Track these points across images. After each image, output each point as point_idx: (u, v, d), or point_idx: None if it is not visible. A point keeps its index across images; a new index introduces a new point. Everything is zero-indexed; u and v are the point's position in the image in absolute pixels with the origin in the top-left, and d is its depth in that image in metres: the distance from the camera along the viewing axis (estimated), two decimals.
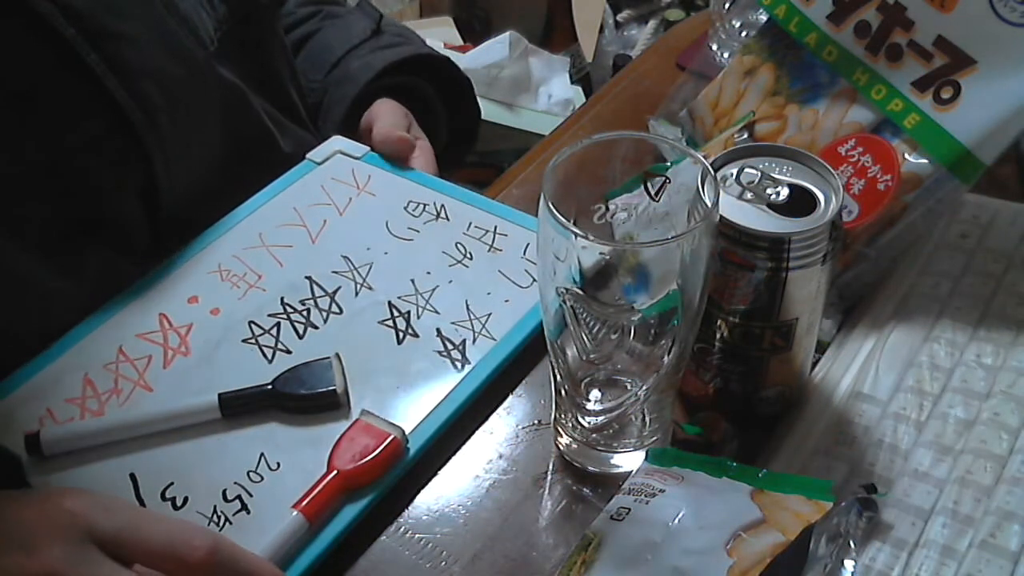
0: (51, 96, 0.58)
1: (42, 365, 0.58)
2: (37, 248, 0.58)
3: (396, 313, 0.61)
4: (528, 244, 0.65)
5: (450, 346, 0.59)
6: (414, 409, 0.55)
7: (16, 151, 0.57)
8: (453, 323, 0.60)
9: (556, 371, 0.51)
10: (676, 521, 0.46)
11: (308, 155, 0.73)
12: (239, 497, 0.51)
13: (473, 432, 0.57)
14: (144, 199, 0.64)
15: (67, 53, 0.58)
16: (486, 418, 0.57)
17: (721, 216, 0.47)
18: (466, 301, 0.62)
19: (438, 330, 0.60)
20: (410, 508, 0.53)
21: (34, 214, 0.59)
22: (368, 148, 0.74)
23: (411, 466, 0.54)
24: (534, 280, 0.62)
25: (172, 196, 0.65)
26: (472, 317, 0.61)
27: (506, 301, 0.61)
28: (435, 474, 0.55)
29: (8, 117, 0.56)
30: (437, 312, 0.61)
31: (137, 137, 0.61)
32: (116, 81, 0.59)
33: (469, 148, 0.92)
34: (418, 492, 0.54)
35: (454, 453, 0.56)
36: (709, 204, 0.44)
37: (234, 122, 0.69)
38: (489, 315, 0.61)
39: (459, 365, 0.58)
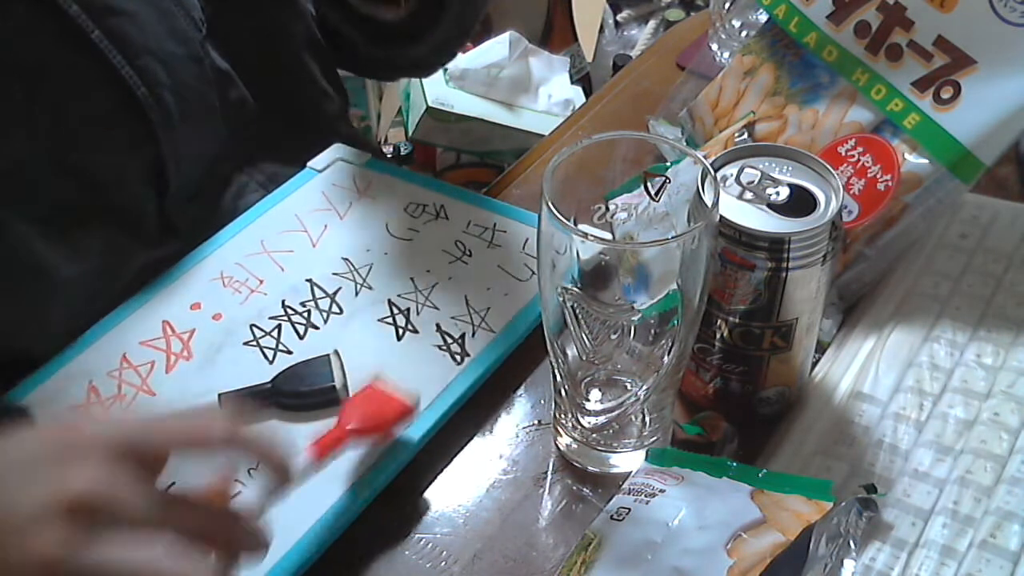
0: (58, 74, 0.59)
1: (47, 375, 0.58)
2: (46, 232, 0.59)
3: (396, 310, 0.61)
4: (527, 239, 0.66)
5: (450, 340, 0.59)
6: None
7: (27, 129, 0.57)
8: (452, 318, 0.60)
9: (556, 371, 0.51)
10: (676, 521, 0.46)
11: (309, 164, 0.73)
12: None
13: (473, 432, 0.57)
14: (152, 180, 0.64)
15: (71, 30, 0.58)
16: (486, 418, 0.57)
17: (721, 216, 0.47)
18: (465, 296, 0.62)
19: (438, 325, 0.60)
20: (411, 508, 0.53)
21: (44, 197, 0.59)
22: (369, 155, 0.74)
23: (412, 462, 0.54)
24: (533, 273, 0.63)
25: (179, 177, 0.65)
26: (471, 311, 0.61)
27: (505, 295, 0.62)
28: (436, 474, 0.55)
29: (18, 95, 0.57)
30: (436, 308, 0.61)
31: (143, 116, 0.62)
32: (121, 58, 0.60)
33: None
34: (419, 492, 0.54)
35: (455, 453, 0.56)
36: (709, 204, 0.44)
37: (226, 107, 0.70)
38: (488, 309, 0.61)
39: (459, 358, 0.58)
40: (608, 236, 0.49)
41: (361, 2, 0.71)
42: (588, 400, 0.52)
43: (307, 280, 0.64)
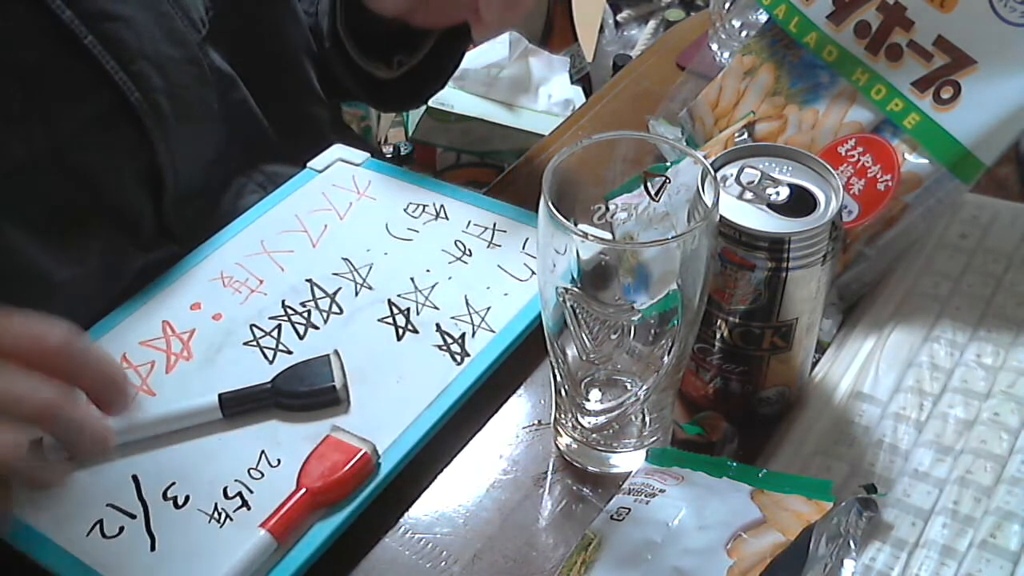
0: (53, 77, 0.59)
1: None
2: (42, 235, 0.59)
3: (396, 310, 0.61)
4: (527, 239, 0.66)
5: (449, 340, 0.59)
6: (414, 402, 0.55)
7: (22, 134, 0.57)
8: (452, 318, 0.60)
9: (556, 371, 0.51)
10: (676, 521, 0.46)
11: (309, 164, 0.73)
12: (240, 494, 0.51)
13: (473, 432, 0.57)
14: (149, 184, 0.64)
15: (66, 35, 0.58)
16: (486, 418, 0.57)
17: (721, 216, 0.47)
18: (465, 296, 0.62)
19: (437, 325, 0.60)
20: (410, 508, 0.53)
21: (39, 201, 0.59)
22: (368, 155, 0.74)
23: (412, 462, 0.54)
24: (533, 273, 0.63)
25: (176, 181, 0.65)
26: (471, 311, 0.61)
27: (505, 295, 0.62)
28: (435, 474, 0.55)
29: (12, 99, 0.57)
30: (436, 308, 0.61)
31: (138, 120, 0.62)
32: (114, 63, 0.60)
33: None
34: (418, 492, 0.54)
35: (455, 453, 0.56)
36: (709, 204, 0.44)
37: (226, 108, 0.70)
38: (488, 309, 0.61)
39: (459, 358, 0.58)
40: (608, 236, 0.49)
41: (360, 57, 0.75)
42: (588, 400, 0.52)
43: (307, 280, 0.64)
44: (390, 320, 0.61)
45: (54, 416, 0.44)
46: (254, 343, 0.60)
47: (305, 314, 0.61)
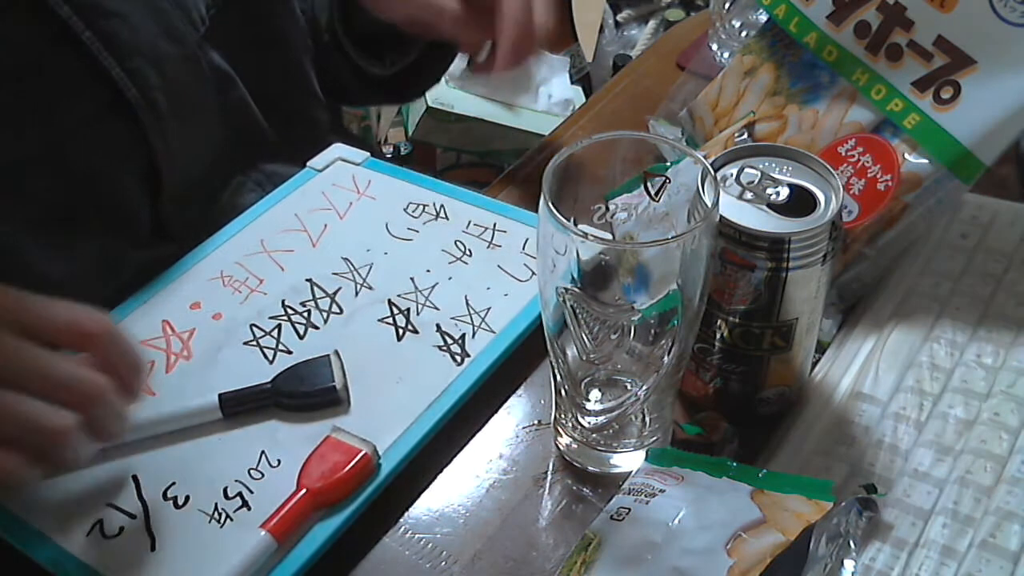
0: (49, 75, 0.59)
1: None
2: (38, 233, 0.59)
3: (396, 311, 0.61)
4: (527, 239, 0.66)
5: (450, 340, 0.59)
6: (415, 402, 0.55)
7: (16, 130, 0.57)
8: (453, 318, 0.60)
9: (556, 371, 0.51)
10: (676, 521, 0.46)
11: (309, 163, 0.73)
12: (240, 494, 0.51)
13: (473, 432, 0.57)
14: (145, 183, 0.64)
15: (63, 31, 0.58)
16: (486, 418, 0.57)
17: (721, 216, 0.47)
18: (465, 296, 0.62)
19: (438, 325, 0.60)
20: (410, 508, 0.53)
21: (34, 199, 0.59)
22: (368, 154, 0.74)
23: (412, 462, 0.54)
24: (533, 274, 0.63)
25: (173, 179, 0.65)
26: (471, 312, 0.61)
27: (505, 295, 0.62)
28: (435, 474, 0.55)
29: (7, 95, 0.57)
30: (437, 308, 0.61)
31: (136, 118, 0.62)
32: (111, 59, 0.60)
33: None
34: (418, 492, 0.54)
35: (455, 453, 0.56)
36: (709, 204, 0.44)
37: (225, 107, 0.70)
38: (488, 309, 0.61)
39: (459, 359, 0.58)
40: (608, 236, 0.49)
41: (357, 53, 0.78)
42: (588, 400, 0.52)
43: (307, 280, 0.64)
44: (390, 320, 0.61)
45: (102, 402, 0.45)
46: (254, 343, 0.60)
47: (305, 314, 0.61)
